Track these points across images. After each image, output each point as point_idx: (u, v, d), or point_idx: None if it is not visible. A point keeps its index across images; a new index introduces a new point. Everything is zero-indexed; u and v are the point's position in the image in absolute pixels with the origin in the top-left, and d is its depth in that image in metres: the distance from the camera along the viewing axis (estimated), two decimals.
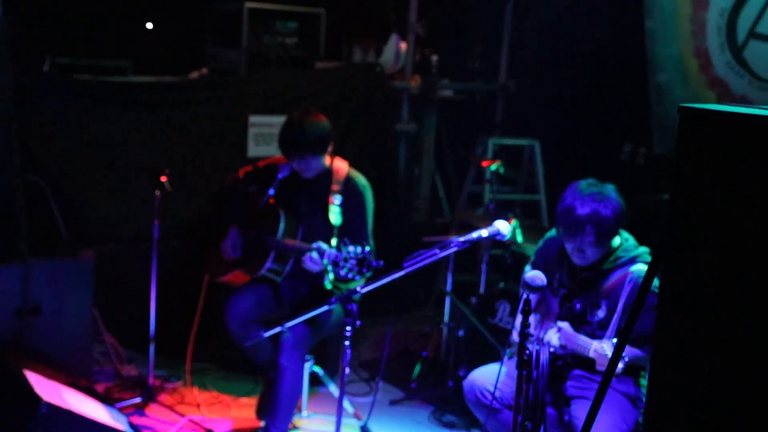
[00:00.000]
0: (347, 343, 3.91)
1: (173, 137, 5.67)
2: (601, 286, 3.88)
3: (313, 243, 4.44)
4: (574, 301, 3.93)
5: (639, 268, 3.83)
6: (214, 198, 5.21)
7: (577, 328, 3.83)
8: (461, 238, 3.70)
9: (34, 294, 4.65)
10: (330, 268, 4.38)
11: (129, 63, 5.98)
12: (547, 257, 4.09)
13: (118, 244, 5.49)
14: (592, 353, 3.65)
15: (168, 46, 6.83)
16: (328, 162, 4.73)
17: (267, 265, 4.63)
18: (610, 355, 3.51)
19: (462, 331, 5.21)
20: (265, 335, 4.26)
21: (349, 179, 4.71)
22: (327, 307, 4.03)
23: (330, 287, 4.63)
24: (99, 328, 5.14)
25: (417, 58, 6.91)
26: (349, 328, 3.89)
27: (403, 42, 6.83)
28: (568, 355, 3.90)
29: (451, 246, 3.70)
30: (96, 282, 4.91)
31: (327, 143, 4.65)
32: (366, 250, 4.11)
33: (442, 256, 3.71)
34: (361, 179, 4.76)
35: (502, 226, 3.79)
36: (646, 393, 2.16)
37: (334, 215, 4.62)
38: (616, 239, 3.90)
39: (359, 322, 3.91)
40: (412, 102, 6.82)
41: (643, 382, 3.90)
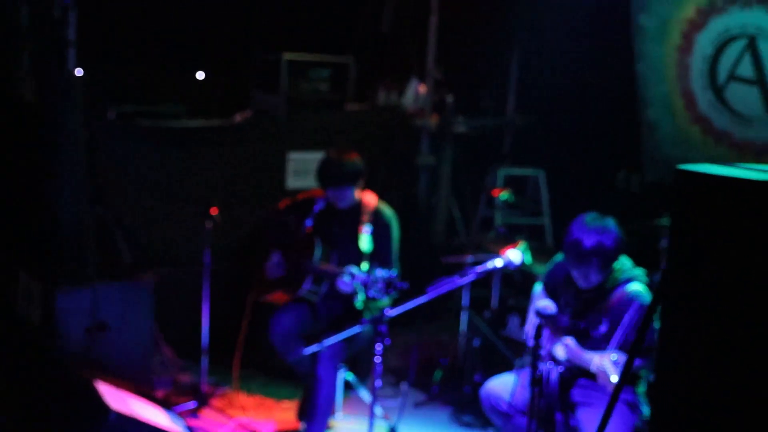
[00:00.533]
0: (378, 360, 3.94)
1: (221, 172, 5.73)
2: (602, 305, 3.88)
3: (346, 267, 4.47)
4: (579, 319, 3.93)
5: (635, 287, 3.84)
6: (258, 226, 5.24)
7: (582, 343, 3.83)
8: (478, 269, 3.72)
9: (102, 313, 4.70)
10: (361, 289, 4.41)
11: (183, 108, 6.02)
12: (556, 279, 4.10)
13: (174, 268, 5.53)
14: (593, 368, 3.64)
15: (216, 92, 6.89)
16: (359, 195, 4.76)
17: (305, 286, 4.67)
18: (608, 372, 3.52)
19: (477, 341, 5.21)
20: (306, 352, 4.28)
21: (377, 211, 4.74)
22: (359, 328, 4.08)
23: (361, 306, 4.63)
24: (158, 342, 5.19)
25: (435, 99, 6.95)
26: (380, 346, 3.92)
27: (422, 84, 6.89)
28: (574, 367, 3.89)
29: (469, 275, 3.72)
30: (155, 301, 4.96)
31: (359, 177, 4.70)
32: (393, 274, 4.15)
33: (461, 284, 3.73)
34: (387, 211, 4.78)
35: (514, 256, 3.81)
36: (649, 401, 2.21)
37: (365, 243, 4.64)
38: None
39: (389, 341, 3.94)
40: (430, 137, 6.85)
41: (640, 390, 3.88)
